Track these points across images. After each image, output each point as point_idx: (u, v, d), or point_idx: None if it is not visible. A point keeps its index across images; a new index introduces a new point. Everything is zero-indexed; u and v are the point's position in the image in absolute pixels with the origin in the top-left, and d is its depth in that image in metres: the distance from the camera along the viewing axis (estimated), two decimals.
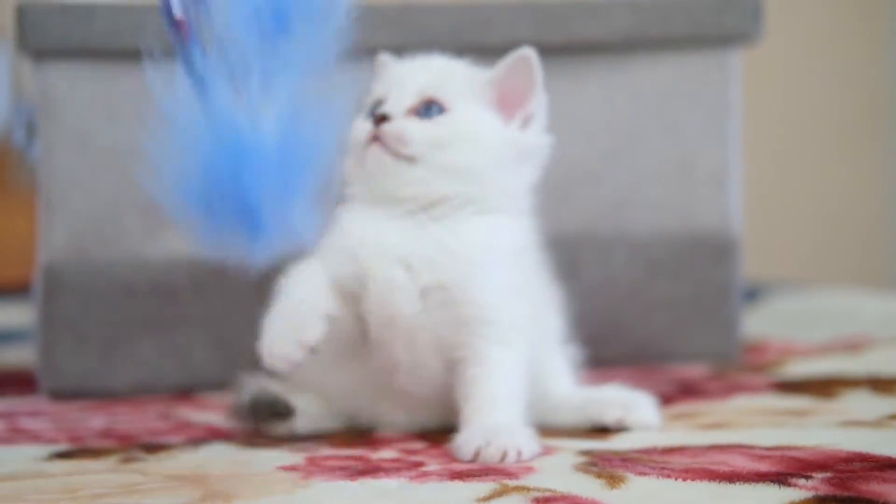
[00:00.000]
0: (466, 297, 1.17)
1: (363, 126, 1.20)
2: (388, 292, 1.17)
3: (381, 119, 1.19)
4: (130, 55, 1.51)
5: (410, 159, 1.18)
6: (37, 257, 1.54)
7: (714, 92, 1.62)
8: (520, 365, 1.18)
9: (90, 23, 1.49)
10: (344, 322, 1.18)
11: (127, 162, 1.52)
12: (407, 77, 1.22)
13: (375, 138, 1.19)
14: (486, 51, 1.56)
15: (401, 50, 1.55)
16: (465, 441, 1.11)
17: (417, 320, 1.17)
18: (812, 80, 3.32)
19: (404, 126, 1.19)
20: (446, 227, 1.18)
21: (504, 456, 1.09)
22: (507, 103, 1.22)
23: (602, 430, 1.23)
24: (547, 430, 1.23)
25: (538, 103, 1.23)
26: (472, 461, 1.09)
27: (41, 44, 1.49)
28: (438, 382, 1.20)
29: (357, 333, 1.20)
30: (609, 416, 1.23)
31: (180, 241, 1.54)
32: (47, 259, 1.52)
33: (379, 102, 1.22)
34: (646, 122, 1.62)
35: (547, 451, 1.14)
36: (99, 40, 1.50)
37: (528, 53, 1.21)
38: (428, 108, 1.19)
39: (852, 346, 1.70)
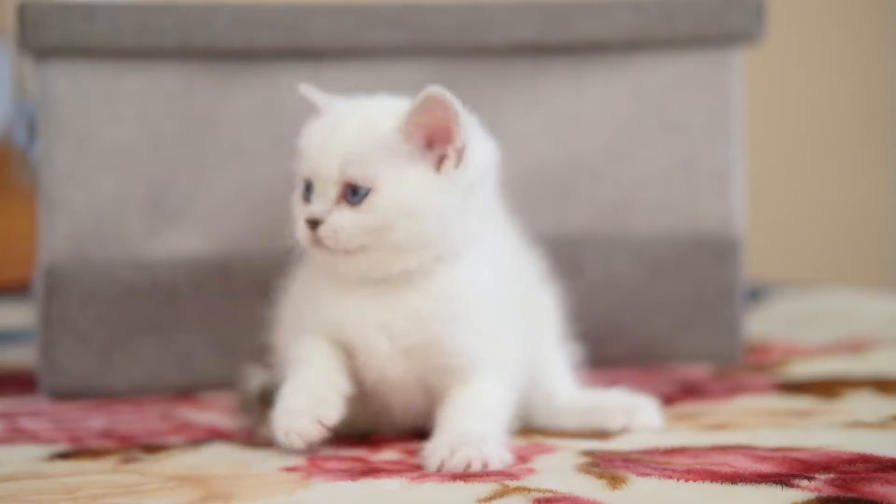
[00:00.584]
0: (448, 352, 1.16)
1: (300, 227, 1.16)
2: (374, 359, 1.17)
3: (314, 224, 1.14)
4: (132, 54, 1.52)
5: (354, 251, 1.15)
6: (37, 257, 1.54)
7: (717, 92, 1.62)
8: (507, 391, 1.18)
9: (91, 22, 1.48)
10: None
11: (128, 162, 1.53)
12: (326, 157, 1.15)
13: (315, 242, 1.15)
14: (488, 51, 1.57)
15: (403, 51, 1.56)
16: (431, 452, 1.10)
17: (405, 378, 1.18)
18: (816, 80, 3.31)
19: (339, 226, 1.13)
20: (419, 290, 1.16)
21: (468, 466, 1.06)
22: (436, 141, 1.14)
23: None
24: (549, 431, 1.23)
25: (465, 133, 1.14)
26: (438, 472, 1.07)
27: (42, 43, 1.48)
28: (428, 415, 1.19)
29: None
30: (613, 423, 1.23)
31: (181, 241, 1.55)
32: (48, 259, 1.52)
33: (308, 182, 1.17)
34: (648, 122, 1.62)
35: (548, 451, 1.14)
36: (100, 39, 1.49)
37: (437, 93, 1.12)
38: (354, 193, 1.13)
39: (856, 347, 1.69)
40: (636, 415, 1.24)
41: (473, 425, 1.12)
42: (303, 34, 1.53)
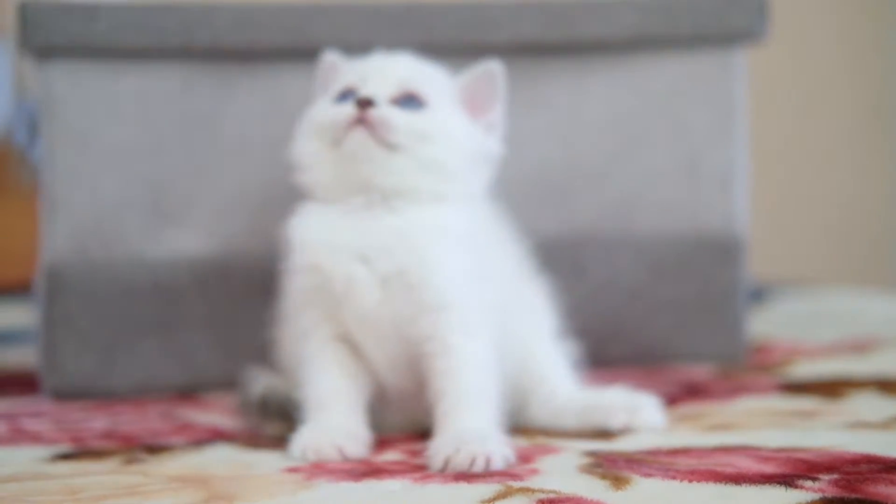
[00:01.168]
0: (423, 282, 1.17)
1: (343, 109, 1.19)
2: (350, 287, 1.17)
3: (366, 103, 1.18)
4: (133, 54, 1.52)
5: (393, 147, 1.18)
6: (39, 257, 1.54)
7: (720, 91, 1.61)
8: (487, 354, 1.17)
9: (93, 21, 1.48)
10: None
11: (129, 161, 1.53)
12: (385, 68, 1.23)
13: (360, 121, 1.18)
14: (490, 50, 1.56)
15: (405, 50, 1.55)
16: (436, 450, 1.10)
17: (381, 311, 1.17)
18: (818, 79, 3.30)
19: (391, 113, 1.18)
20: (402, 216, 1.19)
21: (472, 463, 1.07)
22: (473, 109, 1.24)
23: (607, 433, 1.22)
24: (551, 432, 1.23)
25: (500, 114, 1.26)
26: (443, 470, 1.07)
27: (43, 42, 1.48)
28: (418, 377, 1.19)
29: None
30: (614, 421, 1.23)
31: (183, 241, 1.55)
32: (49, 259, 1.52)
33: (350, 90, 1.21)
34: (651, 122, 1.61)
35: (551, 452, 1.14)
36: (101, 39, 1.49)
37: (497, 68, 1.25)
38: (409, 101, 1.20)
39: (859, 347, 1.69)
40: (638, 413, 1.23)
41: (473, 423, 1.13)
42: (305, 34, 1.53)
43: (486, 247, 1.23)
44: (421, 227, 1.18)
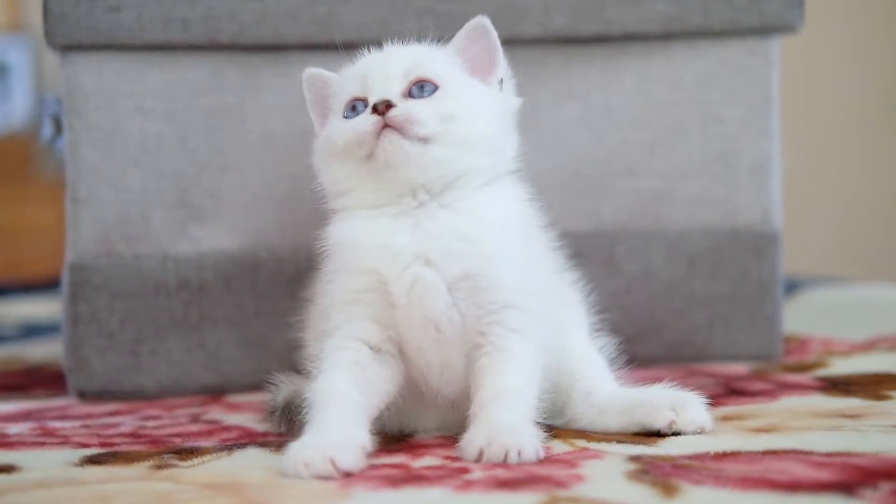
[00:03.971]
0: (493, 285, 1.15)
1: (363, 121, 1.15)
2: (417, 292, 1.14)
3: (385, 107, 1.14)
4: (158, 47, 1.49)
5: (426, 140, 1.15)
6: (64, 254, 1.51)
7: (755, 82, 1.58)
8: (536, 354, 1.16)
9: (117, 15, 1.45)
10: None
11: (155, 156, 1.50)
12: (385, 64, 1.19)
13: (385, 126, 1.14)
14: (520, 42, 1.53)
15: (433, 41, 1.52)
16: (470, 441, 1.09)
17: (449, 315, 1.15)
18: (850, 71, 3.26)
19: (412, 106, 1.15)
20: (458, 210, 1.16)
21: (506, 456, 1.06)
22: (479, 72, 1.22)
23: (652, 434, 1.18)
24: (593, 434, 1.20)
25: (504, 65, 1.23)
26: (476, 461, 1.07)
27: (68, 37, 1.45)
28: (465, 380, 1.17)
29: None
30: (660, 419, 1.19)
31: (209, 237, 1.52)
32: (75, 256, 1.49)
33: (358, 100, 1.18)
34: (684, 114, 1.58)
35: (595, 457, 1.10)
36: (126, 33, 1.46)
37: (484, 21, 1.22)
38: (421, 88, 1.17)
39: None
40: (683, 411, 1.19)
41: (508, 417, 1.11)
42: (330, 26, 1.50)
43: (533, 234, 1.21)
44: (481, 223, 1.15)
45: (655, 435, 1.18)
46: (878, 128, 3.30)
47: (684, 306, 1.58)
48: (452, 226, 1.15)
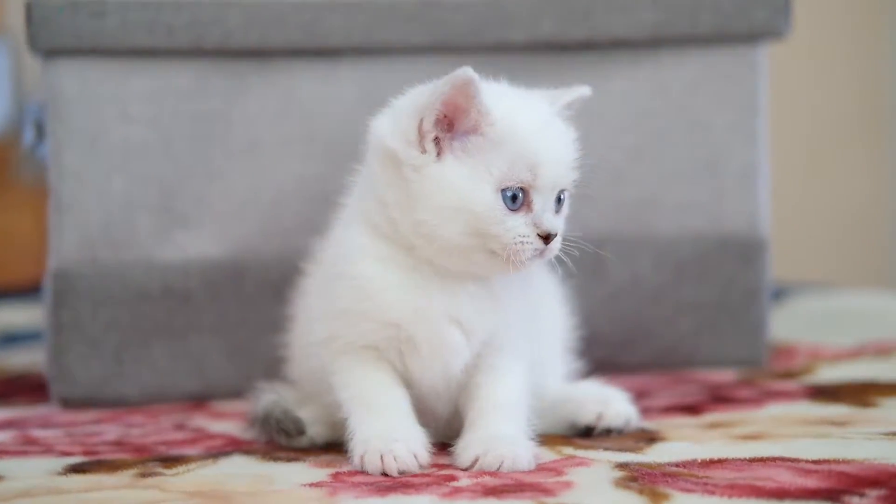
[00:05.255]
0: (507, 341, 1.15)
1: (530, 237, 1.07)
2: (442, 352, 1.13)
3: (550, 238, 1.09)
4: (143, 53, 1.48)
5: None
6: (47, 261, 1.50)
7: (742, 89, 1.58)
8: (525, 370, 1.16)
9: (101, 20, 1.44)
10: None
11: (139, 162, 1.49)
12: (560, 160, 1.10)
13: (542, 254, 1.10)
14: (507, 48, 1.53)
15: (420, 49, 1.52)
16: (465, 448, 1.10)
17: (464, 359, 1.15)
18: (839, 78, 3.27)
19: (559, 239, 1.10)
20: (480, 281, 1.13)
21: (500, 465, 1.07)
22: None
23: (582, 434, 1.22)
24: (580, 442, 1.19)
25: None
26: (470, 468, 1.08)
27: (51, 42, 1.44)
28: (458, 400, 1.17)
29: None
30: (587, 415, 1.22)
31: (193, 244, 1.51)
32: (57, 263, 1.48)
33: (523, 190, 1.08)
34: (672, 121, 1.58)
35: (582, 464, 1.10)
36: (110, 38, 1.45)
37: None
38: (558, 201, 1.12)
39: (883, 351, 1.65)
40: (609, 405, 1.22)
41: (505, 428, 1.12)
42: (317, 32, 1.49)
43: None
44: (507, 285, 1.13)
45: (585, 434, 1.21)
46: (865, 135, 3.31)
47: (671, 313, 1.58)
48: (483, 290, 1.12)
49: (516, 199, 1.07)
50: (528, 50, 1.54)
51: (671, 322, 1.58)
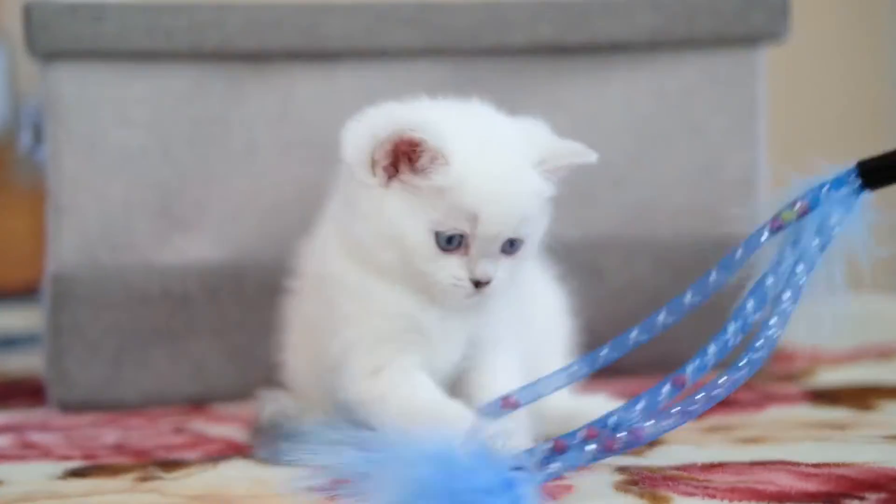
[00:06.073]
0: (496, 336, 1.17)
1: (462, 281, 1.07)
2: (447, 340, 1.15)
3: (483, 285, 1.08)
4: (142, 56, 1.48)
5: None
6: (45, 264, 1.50)
7: (741, 92, 1.58)
8: (515, 365, 1.17)
9: (100, 23, 1.44)
10: None
11: (138, 166, 1.49)
12: (507, 219, 1.07)
13: (476, 295, 1.09)
14: (506, 52, 1.53)
15: (419, 52, 1.52)
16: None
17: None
18: (838, 81, 3.27)
19: (501, 280, 1.09)
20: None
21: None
22: None
23: None
24: None
25: None
26: None
27: (49, 45, 1.44)
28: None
29: None
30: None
31: (192, 247, 1.51)
32: (56, 266, 1.48)
33: (460, 235, 1.07)
34: (670, 124, 1.58)
35: (581, 467, 1.10)
36: (109, 41, 1.45)
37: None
38: (512, 244, 1.10)
39: (883, 354, 1.66)
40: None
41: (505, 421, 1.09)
42: (316, 35, 1.49)
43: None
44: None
45: None
46: (863, 138, 3.31)
47: None
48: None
49: (452, 240, 1.07)
50: (527, 54, 1.54)
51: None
